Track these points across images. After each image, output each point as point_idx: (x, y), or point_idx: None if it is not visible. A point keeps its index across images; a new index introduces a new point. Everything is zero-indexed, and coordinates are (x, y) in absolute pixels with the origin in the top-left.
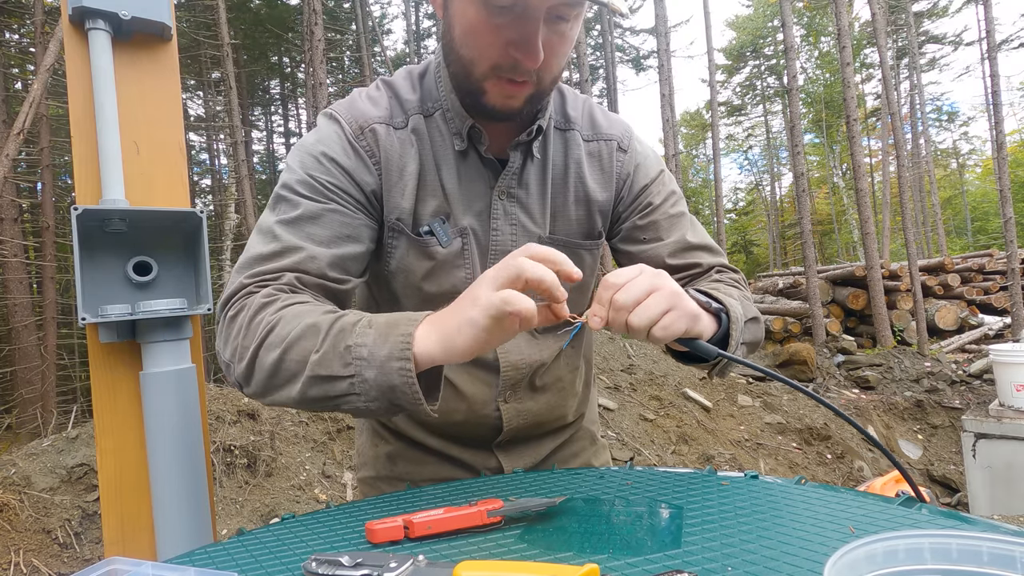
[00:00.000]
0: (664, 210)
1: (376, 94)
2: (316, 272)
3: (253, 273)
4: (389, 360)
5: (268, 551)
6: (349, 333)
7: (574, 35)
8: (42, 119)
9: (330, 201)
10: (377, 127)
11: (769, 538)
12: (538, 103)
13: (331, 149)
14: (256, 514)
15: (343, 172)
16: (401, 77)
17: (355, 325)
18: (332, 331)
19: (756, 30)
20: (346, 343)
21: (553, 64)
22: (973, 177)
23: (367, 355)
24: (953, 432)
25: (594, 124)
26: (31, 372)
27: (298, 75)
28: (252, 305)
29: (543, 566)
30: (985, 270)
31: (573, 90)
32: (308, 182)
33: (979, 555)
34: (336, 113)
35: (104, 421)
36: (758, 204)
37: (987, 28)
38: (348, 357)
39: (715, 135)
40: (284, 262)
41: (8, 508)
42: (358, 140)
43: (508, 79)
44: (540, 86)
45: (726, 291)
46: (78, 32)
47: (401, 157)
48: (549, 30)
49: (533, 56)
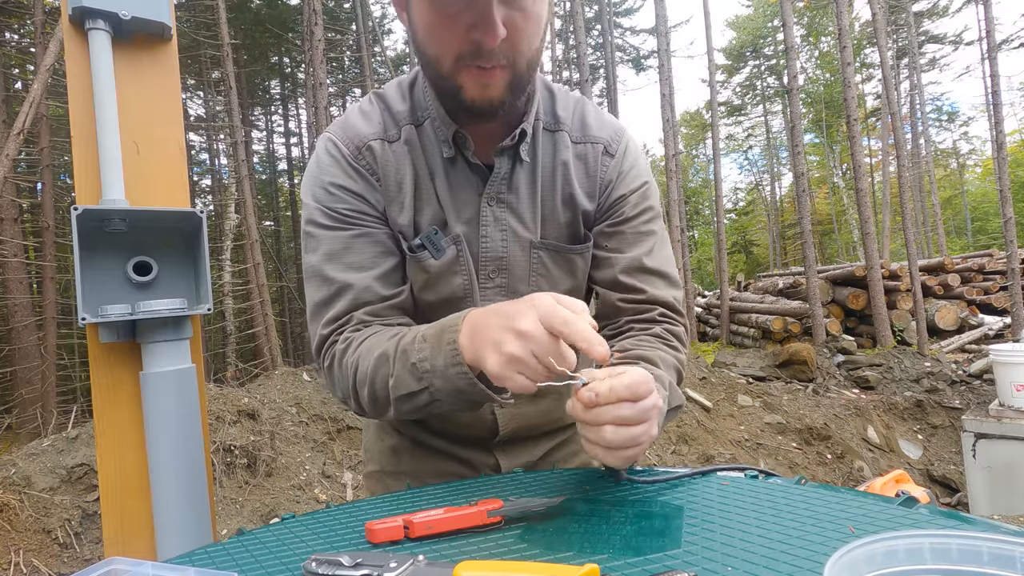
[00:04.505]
0: (634, 225)
1: (369, 108)
2: (374, 298)
3: (326, 322)
4: (447, 369)
5: (268, 551)
6: (411, 351)
7: (540, 12)
8: (42, 119)
9: (354, 226)
10: (373, 144)
11: (769, 538)
12: (520, 92)
13: (336, 177)
14: (256, 514)
15: (355, 196)
16: (392, 89)
17: (413, 342)
18: (398, 354)
19: (756, 30)
20: (411, 361)
21: (522, 44)
22: (973, 177)
23: (430, 367)
24: (953, 432)
25: (584, 125)
26: (31, 372)
27: (298, 75)
28: (337, 353)
29: (543, 566)
30: (985, 270)
31: (565, 89)
32: (328, 214)
33: (979, 555)
34: (333, 137)
35: (104, 421)
36: (758, 204)
37: (987, 28)
38: (417, 373)
39: (715, 135)
40: (342, 303)
41: (8, 508)
42: (358, 160)
43: (477, 66)
44: (516, 71)
45: (663, 368)
46: (78, 32)
47: (397, 171)
48: (508, 7)
49: (491, 32)
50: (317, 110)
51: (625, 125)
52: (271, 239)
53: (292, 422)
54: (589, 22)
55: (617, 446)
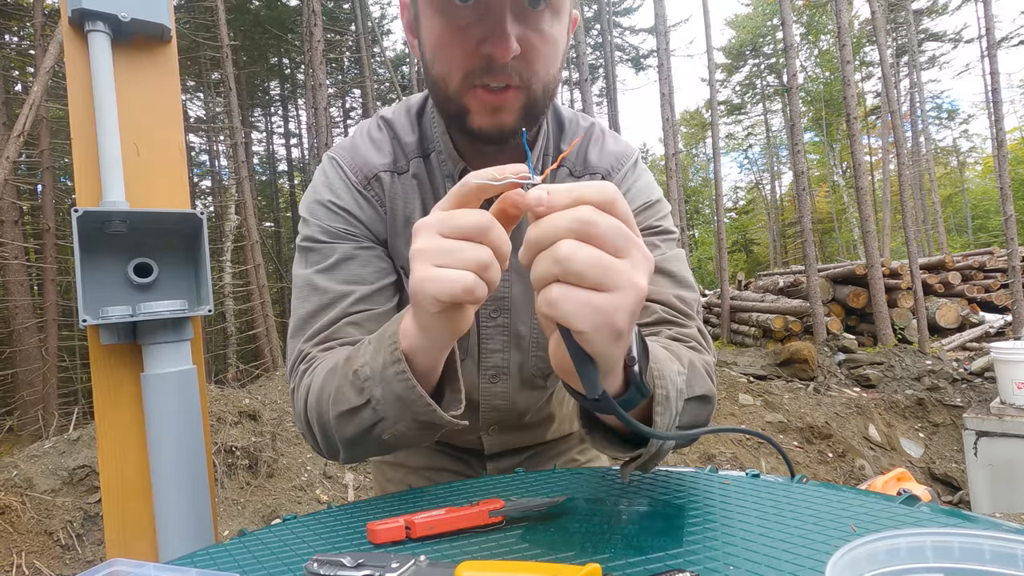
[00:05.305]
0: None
1: (379, 136)
2: (374, 306)
3: (309, 335)
4: (386, 368)
5: (270, 552)
6: (354, 357)
7: (558, 35)
8: (42, 121)
9: (355, 241)
10: (382, 175)
11: (770, 537)
12: (533, 120)
13: (343, 200)
14: (258, 515)
15: (359, 221)
16: (401, 117)
17: (360, 346)
18: (342, 362)
19: (756, 29)
20: (353, 367)
21: (537, 64)
22: (973, 175)
23: (370, 372)
24: (955, 430)
25: (585, 160)
26: (32, 374)
27: (298, 76)
28: (299, 373)
29: (545, 566)
30: (986, 268)
31: (575, 118)
32: (329, 231)
33: (981, 553)
34: (341, 161)
35: (105, 423)
36: (758, 203)
37: (987, 25)
38: (358, 382)
39: (715, 134)
40: (334, 312)
41: (10, 510)
42: (367, 189)
43: (485, 87)
44: (530, 94)
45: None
46: (78, 34)
47: (406, 205)
48: (524, 25)
49: (503, 43)
50: (317, 111)
51: (633, 150)
52: (271, 240)
53: (293, 423)
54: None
55: (579, 275)
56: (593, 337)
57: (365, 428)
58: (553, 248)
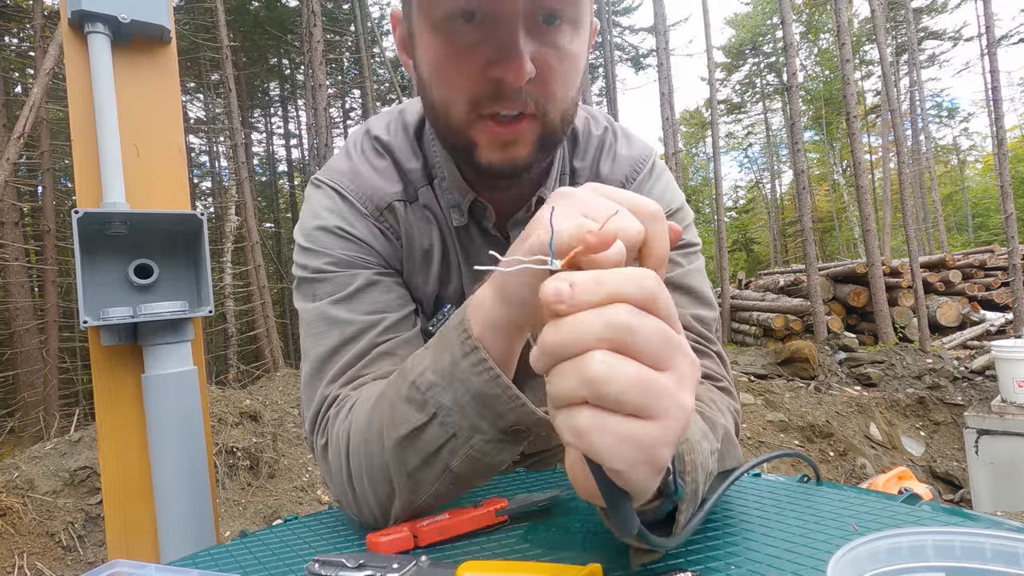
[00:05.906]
0: None
1: (380, 164)
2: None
3: (333, 376)
4: (456, 364)
5: (271, 553)
6: (409, 370)
7: (578, 50)
8: (42, 123)
9: (372, 268)
10: (396, 205)
11: (772, 536)
12: (549, 151)
13: (356, 229)
14: (259, 516)
15: (374, 251)
16: (399, 138)
17: (414, 358)
18: (396, 380)
19: (755, 27)
20: (409, 380)
21: (554, 87)
22: (974, 173)
23: (433, 376)
24: (955, 429)
25: (598, 174)
26: (33, 375)
27: (297, 77)
28: (329, 419)
29: (546, 566)
30: (986, 266)
31: (588, 128)
32: (345, 260)
33: (983, 552)
34: (344, 191)
35: (106, 424)
36: (758, 202)
37: (987, 24)
38: (418, 394)
39: (715, 133)
40: (361, 344)
41: (11, 511)
42: (380, 221)
43: (494, 117)
44: (547, 124)
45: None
46: (77, 36)
47: (421, 237)
48: (539, 42)
49: (516, 65)
50: (316, 112)
51: (650, 151)
52: (272, 241)
53: (294, 424)
54: None
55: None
56: (630, 476)
57: (430, 453)
58: (581, 362)
